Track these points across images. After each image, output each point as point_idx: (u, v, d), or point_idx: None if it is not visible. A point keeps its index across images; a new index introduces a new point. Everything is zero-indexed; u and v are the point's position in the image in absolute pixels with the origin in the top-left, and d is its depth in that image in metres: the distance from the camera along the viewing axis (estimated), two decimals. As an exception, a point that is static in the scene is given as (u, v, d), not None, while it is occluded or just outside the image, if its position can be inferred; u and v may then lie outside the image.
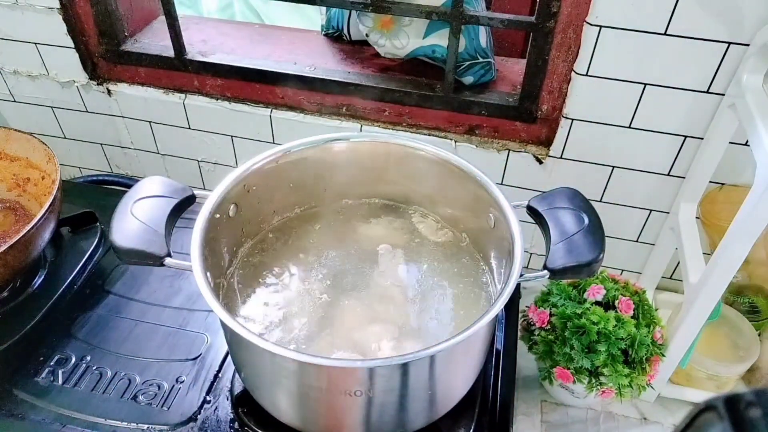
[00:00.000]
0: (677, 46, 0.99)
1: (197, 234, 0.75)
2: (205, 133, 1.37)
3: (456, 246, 0.92)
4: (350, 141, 0.91)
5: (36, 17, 1.27)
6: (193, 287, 0.68)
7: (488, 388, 0.90)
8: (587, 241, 0.74)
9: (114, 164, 1.53)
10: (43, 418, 0.83)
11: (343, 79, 1.23)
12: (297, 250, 0.91)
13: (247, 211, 0.88)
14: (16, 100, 1.45)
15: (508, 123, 1.21)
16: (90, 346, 0.92)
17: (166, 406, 0.85)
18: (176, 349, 0.92)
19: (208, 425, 0.83)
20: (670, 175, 1.16)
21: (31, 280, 1.03)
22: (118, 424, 0.82)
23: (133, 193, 0.78)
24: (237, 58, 1.29)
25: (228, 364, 0.90)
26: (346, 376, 0.67)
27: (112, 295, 1.01)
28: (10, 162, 1.12)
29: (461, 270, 0.89)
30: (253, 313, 0.83)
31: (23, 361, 0.90)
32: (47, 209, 0.94)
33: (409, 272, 0.89)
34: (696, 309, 0.98)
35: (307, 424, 0.77)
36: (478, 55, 1.18)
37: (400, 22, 1.17)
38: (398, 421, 0.75)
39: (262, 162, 0.86)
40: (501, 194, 0.80)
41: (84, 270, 1.05)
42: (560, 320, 1.05)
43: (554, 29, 1.06)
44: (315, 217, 0.96)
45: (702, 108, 1.05)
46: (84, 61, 1.33)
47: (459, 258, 0.91)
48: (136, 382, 0.87)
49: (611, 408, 1.20)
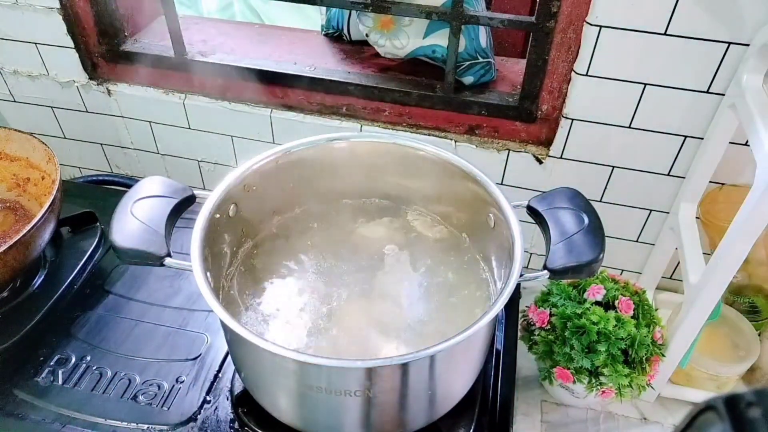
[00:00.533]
0: (677, 46, 0.99)
1: (197, 234, 0.75)
2: (205, 133, 1.37)
3: (456, 246, 0.92)
4: (350, 141, 0.91)
5: (36, 17, 1.27)
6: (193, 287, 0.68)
7: (488, 388, 0.90)
8: (587, 241, 0.74)
9: (114, 164, 1.53)
10: (43, 418, 0.83)
11: (343, 79, 1.23)
12: (297, 250, 0.91)
13: (247, 211, 0.88)
14: (16, 100, 1.45)
15: (508, 123, 1.21)
16: (90, 346, 0.92)
17: (166, 406, 0.85)
18: (176, 349, 0.92)
19: (208, 425, 0.83)
20: (670, 175, 1.16)
21: (31, 280, 1.03)
22: (118, 424, 0.82)
23: (133, 193, 0.79)
24: (237, 58, 1.29)
25: (228, 364, 0.90)
26: (346, 376, 0.67)
27: (112, 295, 1.01)
28: (10, 162, 1.12)
29: (461, 270, 0.89)
30: (253, 312, 0.83)
31: (23, 361, 0.90)
32: (47, 209, 0.94)
33: (407, 272, 0.89)
34: (696, 309, 0.98)
35: (307, 424, 0.77)
36: (478, 55, 1.18)
37: (400, 22, 1.17)
38: (398, 421, 0.75)
39: (262, 162, 0.86)
40: (501, 194, 0.80)
41: (84, 270, 1.05)
42: (560, 320, 1.05)
43: (554, 29, 1.06)
44: (315, 217, 0.96)
45: (702, 108, 1.05)
46: (84, 61, 1.33)
47: (459, 258, 0.91)
48: (136, 382, 0.87)
49: (611, 408, 1.20)
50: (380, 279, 0.87)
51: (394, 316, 0.83)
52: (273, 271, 0.88)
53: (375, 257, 0.90)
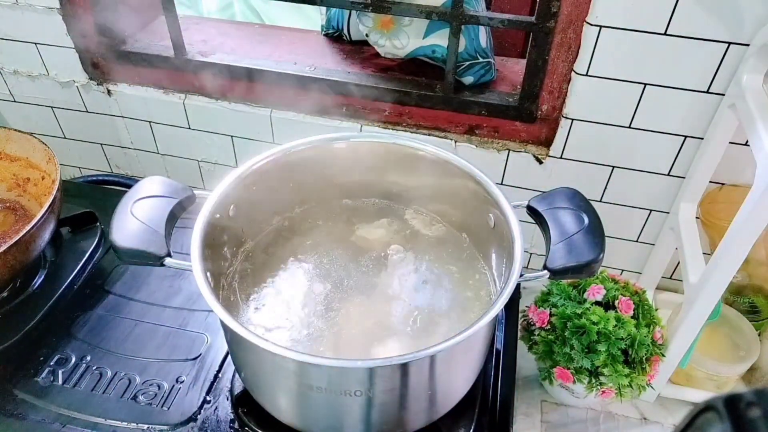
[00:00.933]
0: (677, 46, 0.99)
1: (197, 234, 0.75)
2: (205, 133, 1.37)
3: (456, 246, 0.92)
4: (350, 141, 0.91)
5: (36, 17, 1.27)
6: (193, 287, 0.68)
7: (488, 388, 0.90)
8: (587, 241, 0.74)
9: (114, 164, 1.53)
10: (43, 418, 0.83)
11: (343, 79, 1.23)
12: (297, 250, 0.91)
13: (247, 211, 0.88)
14: (16, 100, 1.45)
15: (508, 123, 1.21)
16: (90, 346, 0.92)
17: (166, 406, 0.85)
18: (176, 349, 0.92)
19: (208, 425, 0.83)
20: (670, 175, 1.16)
21: (31, 280, 1.03)
22: (118, 424, 0.82)
23: (133, 193, 0.79)
24: (237, 58, 1.29)
25: (228, 364, 0.90)
26: (346, 376, 0.67)
27: (112, 295, 1.01)
28: (10, 162, 1.12)
29: (461, 270, 0.89)
30: (253, 312, 0.83)
31: (23, 361, 0.90)
32: (47, 209, 0.94)
33: (407, 272, 0.89)
34: (696, 309, 0.98)
35: (307, 424, 0.77)
36: (478, 55, 1.18)
37: (400, 22, 1.17)
38: (398, 421, 0.75)
39: (262, 162, 0.86)
40: (501, 194, 0.80)
41: (84, 270, 1.05)
42: (560, 320, 1.05)
43: (554, 29, 1.06)
44: (315, 217, 0.96)
45: (702, 108, 1.05)
46: (84, 61, 1.33)
47: (459, 258, 0.91)
48: (136, 382, 0.87)
49: (611, 408, 1.20)
50: (380, 279, 0.87)
51: (394, 316, 0.83)
52: (273, 271, 0.88)
53: (375, 257, 0.90)
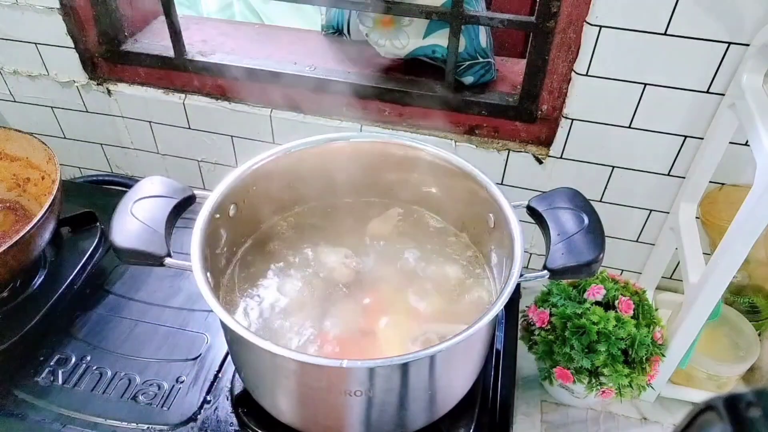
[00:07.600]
0: (677, 46, 0.99)
1: (197, 234, 0.75)
2: (205, 133, 1.37)
3: (456, 246, 0.92)
4: (350, 141, 0.91)
5: (36, 17, 1.27)
6: (193, 287, 0.68)
7: (488, 388, 0.90)
8: (587, 241, 0.74)
9: (114, 164, 1.53)
10: (43, 418, 0.83)
11: (343, 79, 1.23)
12: (297, 250, 0.91)
13: (247, 211, 0.88)
14: (16, 100, 1.45)
15: (508, 123, 1.21)
16: (90, 346, 0.92)
17: (166, 406, 0.85)
18: (176, 349, 0.92)
19: (208, 425, 0.83)
20: (670, 175, 1.16)
21: (31, 280, 1.03)
22: (118, 424, 0.82)
23: (133, 193, 0.78)
24: (237, 58, 1.29)
25: (228, 364, 0.90)
26: (346, 376, 0.67)
27: (112, 295, 1.01)
28: (10, 162, 1.12)
29: (461, 270, 0.89)
30: (254, 312, 0.83)
31: (23, 361, 0.90)
32: (47, 209, 0.94)
33: (407, 272, 0.89)
34: (696, 309, 0.98)
35: (307, 424, 0.77)
36: (478, 55, 1.18)
37: (400, 22, 1.17)
38: (398, 421, 0.75)
39: (262, 162, 0.86)
40: (501, 194, 0.80)
41: (84, 270, 1.05)
42: (560, 320, 1.05)
43: (554, 29, 1.06)
44: (315, 216, 0.96)
45: (702, 108, 1.05)
46: (84, 61, 1.33)
47: (459, 258, 0.91)
48: (136, 382, 0.87)
49: (611, 408, 1.20)
50: (380, 278, 0.87)
51: (394, 315, 0.83)
52: (273, 270, 0.88)
53: (375, 256, 0.90)
